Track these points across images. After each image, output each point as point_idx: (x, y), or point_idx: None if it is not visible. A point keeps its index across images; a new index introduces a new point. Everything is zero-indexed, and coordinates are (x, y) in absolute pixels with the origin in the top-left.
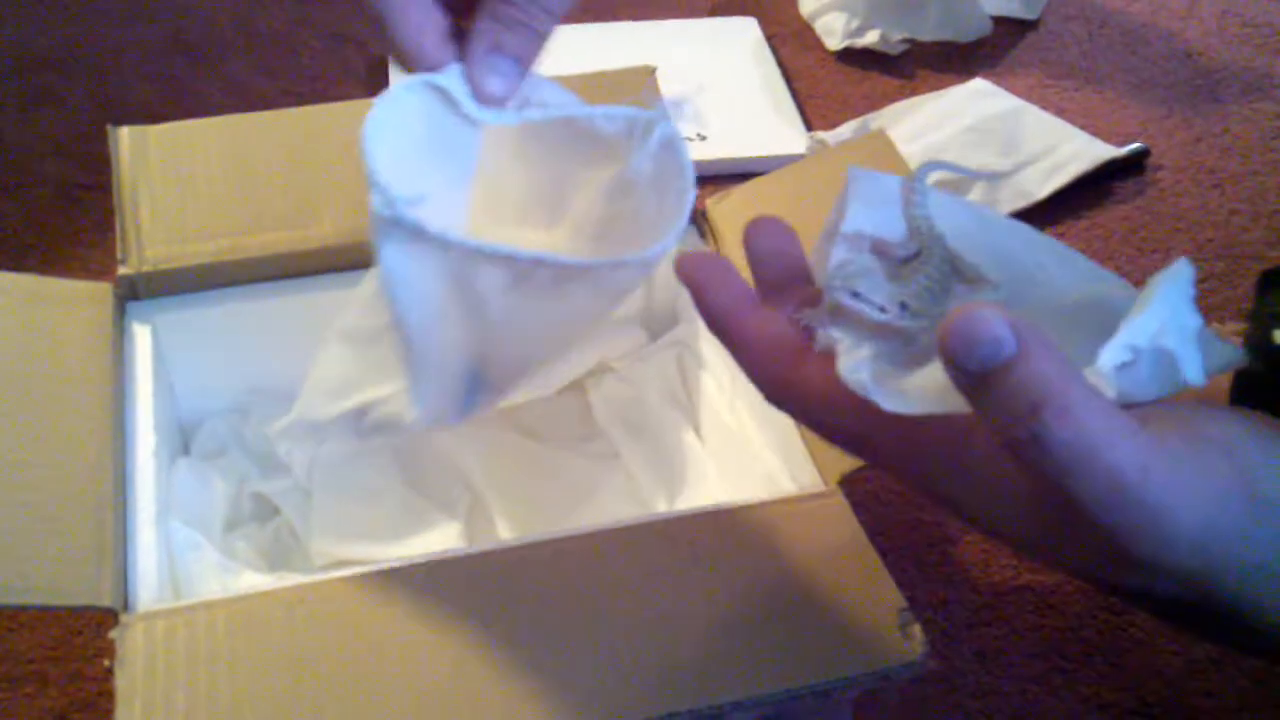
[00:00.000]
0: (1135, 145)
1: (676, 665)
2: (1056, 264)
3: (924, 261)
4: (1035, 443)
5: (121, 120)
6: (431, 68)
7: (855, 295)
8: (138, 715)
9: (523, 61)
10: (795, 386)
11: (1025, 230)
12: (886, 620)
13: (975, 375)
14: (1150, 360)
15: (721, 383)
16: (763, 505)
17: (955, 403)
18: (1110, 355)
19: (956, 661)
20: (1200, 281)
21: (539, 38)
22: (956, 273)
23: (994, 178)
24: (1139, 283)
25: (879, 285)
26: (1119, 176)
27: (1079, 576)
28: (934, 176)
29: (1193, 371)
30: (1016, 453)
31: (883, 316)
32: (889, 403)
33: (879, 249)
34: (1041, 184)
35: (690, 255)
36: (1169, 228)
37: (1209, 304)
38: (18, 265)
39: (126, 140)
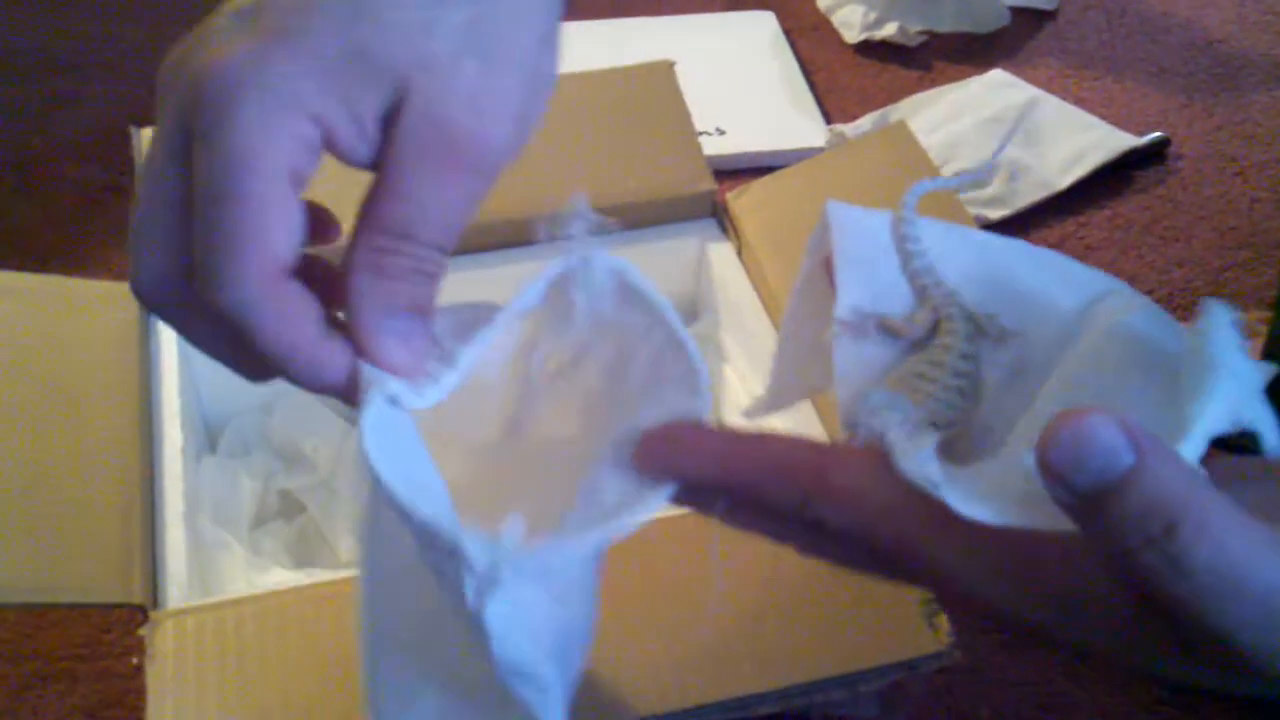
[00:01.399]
0: (1156, 134)
1: (702, 658)
2: (1059, 284)
3: (945, 347)
4: (1172, 566)
5: (142, 122)
6: (311, 365)
7: (901, 425)
8: (169, 712)
9: (424, 312)
10: (821, 495)
11: (1020, 250)
12: (912, 611)
13: (1087, 494)
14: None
15: (743, 374)
16: None
17: (1049, 516)
18: (1192, 448)
19: (982, 651)
20: (1223, 270)
21: (432, 280)
22: (979, 332)
23: (985, 174)
24: (1161, 272)
25: (909, 413)
26: (1140, 166)
27: (1170, 681)
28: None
29: (1273, 440)
30: (1139, 576)
31: (926, 432)
32: (966, 505)
33: (886, 328)
34: (1062, 174)
35: (644, 441)
36: (1191, 216)
37: (1232, 293)
38: (41, 267)
39: (149, 141)
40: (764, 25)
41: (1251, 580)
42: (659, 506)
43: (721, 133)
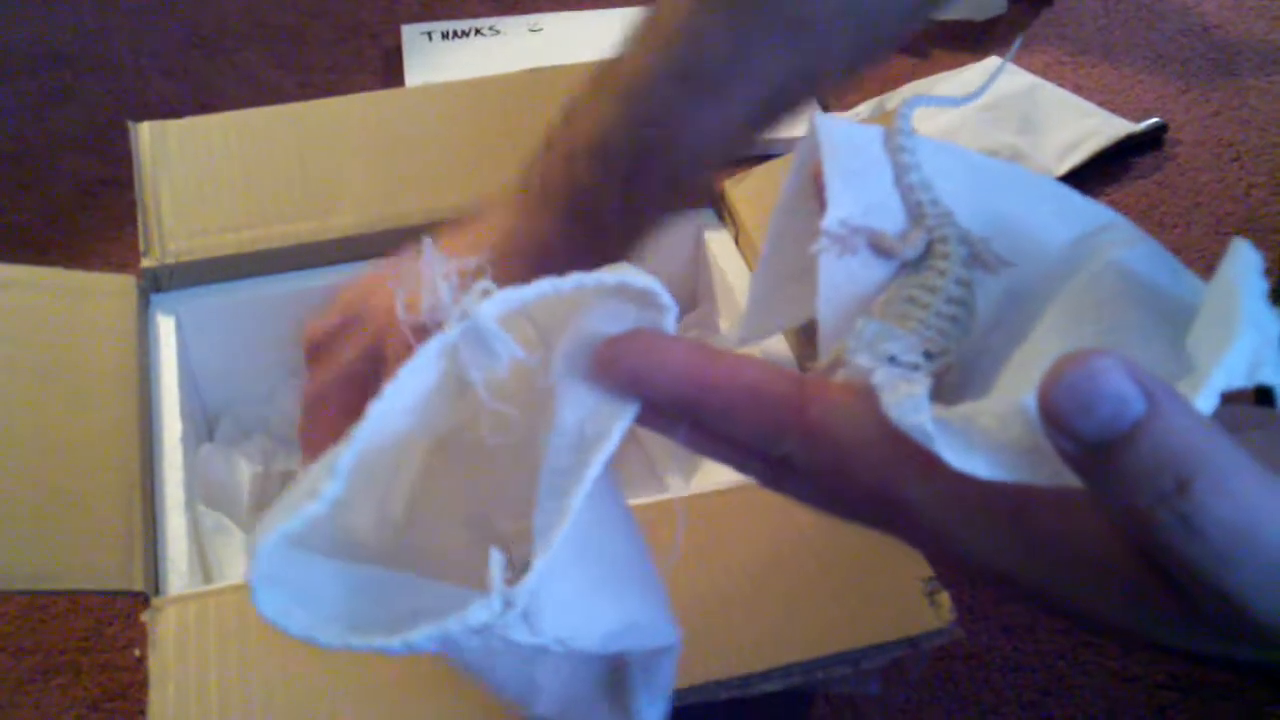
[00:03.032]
0: (1153, 120)
1: (704, 637)
2: (1055, 214)
3: (941, 271)
4: (1184, 525)
5: (139, 116)
6: None
7: (892, 360)
8: (171, 698)
9: None
10: (796, 430)
11: (1013, 174)
12: (913, 588)
13: (1093, 445)
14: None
15: None
16: None
17: (1051, 471)
18: (1206, 402)
19: (984, 637)
20: (1220, 256)
21: None
22: (975, 258)
23: (976, 98)
24: None
25: (907, 342)
26: (1137, 152)
27: (1166, 648)
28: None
29: None
30: (1147, 535)
31: (918, 375)
32: (961, 459)
33: (876, 245)
34: (1059, 161)
35: (607, 347)
36: (1188, 203)
37: None
38: (39, 262)
39: (147, 135)
40: None
41: (1267, 540)
42: (626, 429)
43: None
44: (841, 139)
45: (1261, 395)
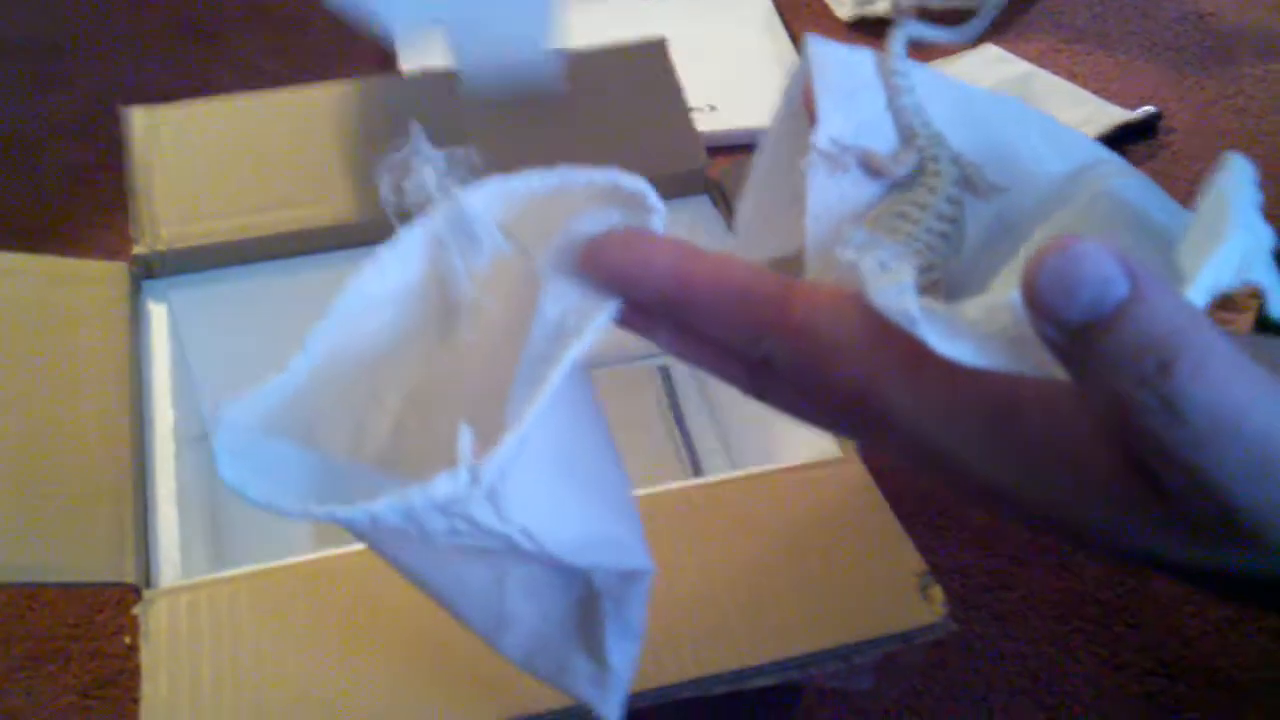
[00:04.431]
0: (1147, 108)
1: (698, 632)
2: (1048, 146)
3: (931, 189)
4: (1166, 408)
5: (131, 102)
6: None
7: (883, 266)
8: (163, 688)
9: None
10: (779, 329)
11: (1007, 105)
12: (907, 583)
13: (1076, 329)
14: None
15: None
16: (781, 472)
17: (1036, 360)
18: (1198, 296)
19: (975, 625)
20: None
21: None
22: (966, 181)
23: (970, 35)
24: None
25: (896, 250)
26: (1131, 140)
27: (1153, 562)
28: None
29: (1277, 305)
30: (1130, 423)
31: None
32: (945, 343)
33: (867, 164)
34: None
35: (593, 244)
36: (1183, 191)
37: None
38: (30, 248)
39: (139, 121)
40: (756, 2)
41: (1250, 426)
42: (606, 323)
43: (714, 109)
44: (833, 59)
45: (1264, 326)
